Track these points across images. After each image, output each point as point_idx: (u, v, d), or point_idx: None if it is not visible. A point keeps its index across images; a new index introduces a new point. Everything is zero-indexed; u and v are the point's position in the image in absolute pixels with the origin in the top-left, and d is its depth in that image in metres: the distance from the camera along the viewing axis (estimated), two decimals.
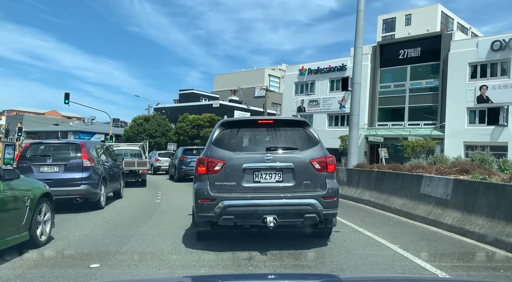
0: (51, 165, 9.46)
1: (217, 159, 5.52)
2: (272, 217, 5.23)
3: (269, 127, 5.87)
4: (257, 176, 5.49)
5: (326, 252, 5.51)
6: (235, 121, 6.21)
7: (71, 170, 9.44)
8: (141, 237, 6.41)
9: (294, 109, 38.24)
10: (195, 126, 41.38)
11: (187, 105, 49.14)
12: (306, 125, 5.90)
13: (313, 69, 36.99)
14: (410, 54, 31.45)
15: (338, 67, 35.32)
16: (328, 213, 5.53)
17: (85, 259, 5.14)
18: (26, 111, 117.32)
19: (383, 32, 67.65)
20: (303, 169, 5.51)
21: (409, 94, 31.55)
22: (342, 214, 8.81)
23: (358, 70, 19.10)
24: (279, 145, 5.65)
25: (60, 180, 9.16)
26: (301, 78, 37.96)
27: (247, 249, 5.49)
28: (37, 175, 8.90)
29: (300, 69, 37.99)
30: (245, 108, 49.60)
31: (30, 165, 9.37)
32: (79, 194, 9.28)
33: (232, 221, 5.39)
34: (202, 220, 5.56)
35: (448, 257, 5.43)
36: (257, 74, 58.06)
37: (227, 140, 5.71)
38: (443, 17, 60.66)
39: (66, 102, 39.52)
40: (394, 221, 8.31)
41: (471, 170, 8.53)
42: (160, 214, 8.96)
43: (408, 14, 62.65)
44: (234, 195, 5.41)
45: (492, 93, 26.83)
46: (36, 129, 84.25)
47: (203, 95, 54.91)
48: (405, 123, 31.64)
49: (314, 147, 5.69)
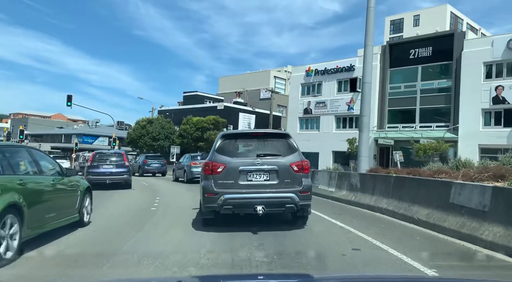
0: (109, 164, 16.80)
1: (219, 163, 7.08)
2: (261, 207, 6.83)
3: (259, 138, 7.49)
4: (250, 176, 7.04)
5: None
6: (233, 133, 8.07)
7: (119, 167, 16.77)
8: None
9: (300, 111, 37.20)
10: (199, 128, 40.42)
11: (191, 108, 48.24)
12: (287, 137, 7.56)
13: (320, 70, 35.93)
14: (421, 54, 30.31)
15: (346, 67, 34.24)
16: (304, 204, 7.14)
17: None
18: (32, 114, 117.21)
19: (390, 33, 66.46)
20: (285, 170, 7.07)
21: (420, 95, 30.38)
22: (359, 226, 7.75)
23: (369, 69, 18.02)
24: (266, 152, 7.20)
25: (114, 172, 16.55)
26: (308, 79, 36.91)
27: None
28: (102, 170, 16.49)
29: (307, 70, 36.95)
30: (250, 110, 48.61)
31: (98, 164, 16.69)
32: (123, 180, 16.55)
33: (231, 210, 7.03)
34: (208, 210, 7.15)
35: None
36: (262, 76, 57.12)
37: (227, 148, 7.26)
38: (452, 18, 59.38)
39: (68, 104, 39.09)
40: (420, 235, 7.22)
41: (508, 175, 7.44)
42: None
43: (416, 15, 61.44)
44: (232, 190, 6.96)
45: (508, 94, 25.62)
46: (41, 132, 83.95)
47: (207, 97, 53.99)
48: (416, 125, 30.46)
49: (294, 154, 7.26)
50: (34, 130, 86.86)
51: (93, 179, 15.39)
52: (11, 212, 4.97)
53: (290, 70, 58.70)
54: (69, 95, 38.71)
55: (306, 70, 37.02)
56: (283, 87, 57.52)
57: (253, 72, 61.06)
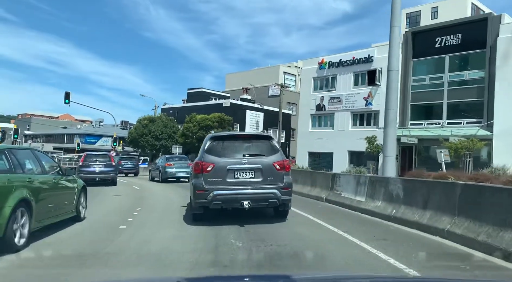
0: (98, 164, 19.38)
1: (208, 162, 7.78)
2: (247, 202, 7.58)
3: (245, 139, 8.40)
4: (237, 174, 7.77)
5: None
6: (221, 135, 8.77)
7: (107, 167, 19.42)
8: None
9: (312, 107, 34.12)
10: (203, 127, 37.59)
11: (195, 105, 45.43)
12: (270, 139, 8.53)
13: (335, 62, 32.82)
14: (449, 42, 27.05)
15: (363, 58, 31.08)
16: (285, 199, 7.91)
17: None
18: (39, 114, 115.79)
19: (406, 27, 63.16)
20: (268, 169, 7.85)
21: (447, 88, 27.10)
22: (424, 267, 4.74)
23: (395, 54, 15.03)
24: (251, 153, 8.02)
25: (102, 171, 19.22)
26: (321, 73, 33.82)
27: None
28: (93, 169, 19.15)
29: (320, 62, 33.86)
30: (258, 107, 45.64)
31: (88, 164, 19.30)
32: (110, 177, 19.18)
33: (219, 205, 7.74)
34: (198, 205, 7.82)
35: None
36: (271, 72, 54.03)
37: (215, 149, 8.00)
38: (473, 9, 55.81)
39: (66, 102, 37.70)
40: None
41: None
42: None
43: (434, 7, 58.00)
44: (221, 187, 7.66)
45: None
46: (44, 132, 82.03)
47: (212, 94, 51.08)
48: (443, 121, 27.19)
49: (276, 154, 8.08)
50: (38, 130, 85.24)
51: (84, 177, 16.46)
52: (22, 206, 5.67)
53: (301, 65, 55.61)
54: (66, 92, 37.28)
55: (319, 63, 33.92)
56: (293, 83, 54.38)
57: (261, 68, 57.95)
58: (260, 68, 58.17)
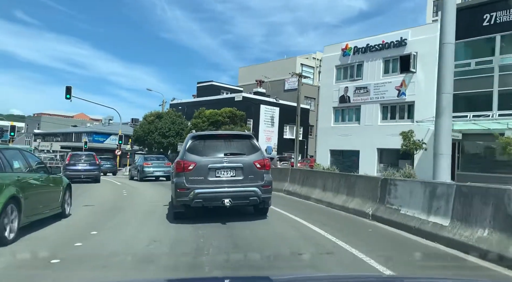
0: (83, 163, 20.83)
1: (190, 161, 7.86)
2: (228, 200, 7.67)
3: (226, 139, 8.44)
4: (218, 173, 7.87)
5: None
6: (202, 134, 8.71)
7: (91, 165, 20.87)
8: None
9: (335, 99, 30.11)
10: (213, 122, 33.95)
11: (205, 100, 41.88)
12: (251, 138, 8.52)
13: (361, 47, 28.75)
14: (501, 18, 22.76)
15: (395, 42, 26.96)
16: (265, 197, 8.11)
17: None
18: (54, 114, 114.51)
19: (433, 15, 58.52)
20: (249, 167, 7.96)
21: (499, 73, 22.83)
22: None
23: (450, 22, 11.08)
24: (232, 152, 8.11)
25: (87, 169, 20.60)
26: (345, 60, 29.78)
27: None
28: (78, 168, 20.44)
29: (343, 48, 29.82)
30: (274, 102, 41.80)
31: (74, 163, 20.72)
32: (94, 175, 20.71)
33: (201, 203, 7.82)
34: (180, 203, 7.92)
35: None
36: (287, 64, 50.10)
37: (197, 148, 8.09)
38: None
39: (67, 97, 35.32)
40: None
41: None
42: None
43: None
44: (202, 185, 7.75)
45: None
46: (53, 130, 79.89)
47: (224, 87, 47.43)
48: (494, 113, 22.92)
49: (256, 153, 8.21)
50: (48, 129, 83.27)
51: (70, 174, 17.53)
52: (12, 203, 6.08)
53: (319, 56, 51.56)
54: (68, 87, 34.79)
55: (342, 49, 29.88)
56: (311, 76, 50.37)
57: (276, 60, 54.05)
58: (275, 61, 54.28)
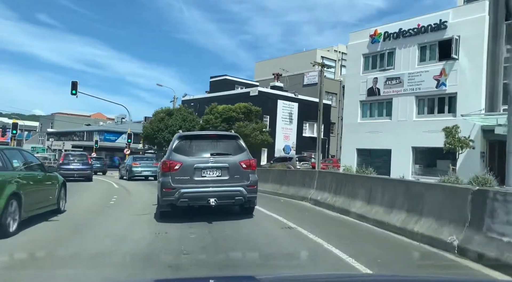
0: (76, 162, 21.93)
1: (176, 161, 8.04)
2: (213, 199, 7.85)
3: (212, 139, 8.73)
4: (204, 172, 8.06)
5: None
6: (189, 135, 9.01)
7: (84, 165, 22.02)
8: None
9: (362, 92, 26.83)
10: (226, 118, 31.06)
11: (219, 95, 39.03)
12: (237, 138, 8.70)
13: (392, 32, 25.42)
14: None
15: (432, 25, 23.57)
16: (251, 196, 8.31)
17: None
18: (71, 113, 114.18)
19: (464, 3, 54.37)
20: (235, 167, 8.15)
21: None
22: None
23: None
24: (218, 152, 8.31)
25: (80, 168, 21.67)
26: (374, 47, 26.47)
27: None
28: (71, 167, 21.40)
29: (372, 34, 26.51)
30: (292, 97, 38.67)
31: (68, 162, 21.84)
32: (87, 174, 21.74)
33: (186, 203, 8.01)
34: (165, 203, 8.11)
35: None
36: (307, 57, 46.75)
37: (183, 148, 8.29)
38: None
39: (73, 93, 33.32)
40: None
41: None
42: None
43: None
44: (188, 185, 7.93)
45: None
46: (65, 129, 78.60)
47: (238, 82, 44.47)
48: None
49: (242, 153, 8.41)
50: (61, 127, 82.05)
51: (64, 173, 17.48)
52: (14, 198, 6.69)
53: (342, 49, 48.09)
54: (73, 82, 32.89)
55: (370, 35, 26.58)
56: (333, 70, 47.00)
57: (295, 53, 50.82)
58: (293, 54, 51.07)
